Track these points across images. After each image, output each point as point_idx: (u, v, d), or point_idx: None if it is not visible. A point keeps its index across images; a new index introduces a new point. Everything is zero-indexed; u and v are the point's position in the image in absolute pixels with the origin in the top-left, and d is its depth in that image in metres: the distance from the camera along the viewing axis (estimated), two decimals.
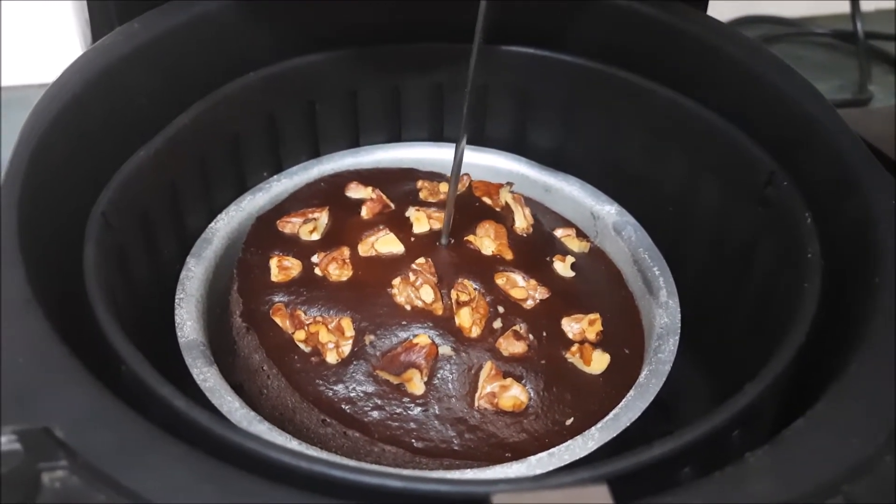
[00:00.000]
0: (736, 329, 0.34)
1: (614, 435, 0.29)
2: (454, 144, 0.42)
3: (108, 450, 0.20)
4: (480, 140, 0.43)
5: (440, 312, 0.33)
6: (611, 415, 0.30)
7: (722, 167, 0.35)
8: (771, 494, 0.19)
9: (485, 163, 0.42)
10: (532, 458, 0.28)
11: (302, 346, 0.32)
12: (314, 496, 0.20)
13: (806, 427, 0.21)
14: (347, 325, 0.32)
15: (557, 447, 0.29)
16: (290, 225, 0.36)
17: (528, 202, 0.40)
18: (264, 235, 0.36)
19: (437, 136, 0.43)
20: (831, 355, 0.24)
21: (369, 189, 0.38)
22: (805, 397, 0.23)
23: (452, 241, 0.36)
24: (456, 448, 0.30)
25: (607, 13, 0.39)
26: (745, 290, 0.34)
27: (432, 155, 0.42)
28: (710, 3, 0.86)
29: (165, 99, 0.35)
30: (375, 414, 0.31)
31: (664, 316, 0.34)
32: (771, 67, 0.34)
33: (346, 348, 0.32)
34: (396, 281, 0.33)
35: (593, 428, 0.30)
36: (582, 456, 0.28)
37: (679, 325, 0.33)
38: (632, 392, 0.31)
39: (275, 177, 0.39)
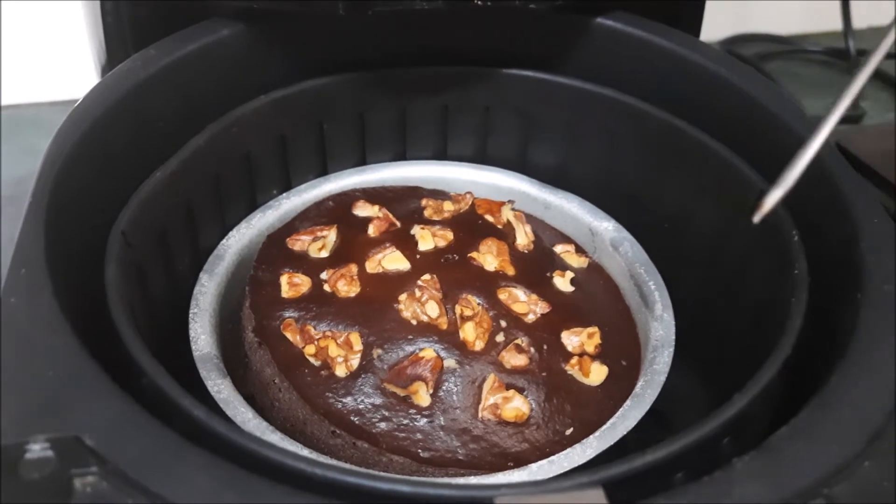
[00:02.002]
0: (728, 341, 0.36)
1: (611, 443, 0.30)
2: (457, 163, 0.44)
3: (135, 457, 0.21)
4: (483, 159, 0.45)
5: (445, 327, 0.34)
6: (608, 424, 0.32)
7: (715, 186, 0.36)
8: (756, 497, 0.20)
9: (487, 181, 0.44)
10: (533, 466, 0.30)
11: (312, 359, 0.33)
12: (330, 500, 0.21)
13: (790, 434, 0.22)
14: (356, 339, 0.34)
15: (557, 455, 0.30)
16: (300, 242, 0.38)
17: (529, 219, 0.41)
18: (274, 253, 0.37)
19: (440, 154, 0.45)
20: (817, 367, 0.26)
21: (376, 207, 0.39)
22: (794, 406, 0.24)
23: (456, 257, 0.37)
24: (461, 457, 0.31)
25: (605, 38, 0.40)
26: (736, 304, 0.35)
27: (436, 173, 0.44)
28: (709, 21, 0.88)
29: (181, 121, 0.37)
30: (383, 425, 0.32)
31: (659, 329, 0.35)
32: (761, 90, 0.35)
33: (355, 362, 0.33)
34: (403, 297, 0.35)
35: (591, 437, 0.31)
36: (581, 463, 0.30)
37: (674, 337, 0.35)
38: (628, 402, 0.32)
39: (284, 195, 0.41)
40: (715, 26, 0.85)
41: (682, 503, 0.20)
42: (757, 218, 0.28)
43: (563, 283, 0.38)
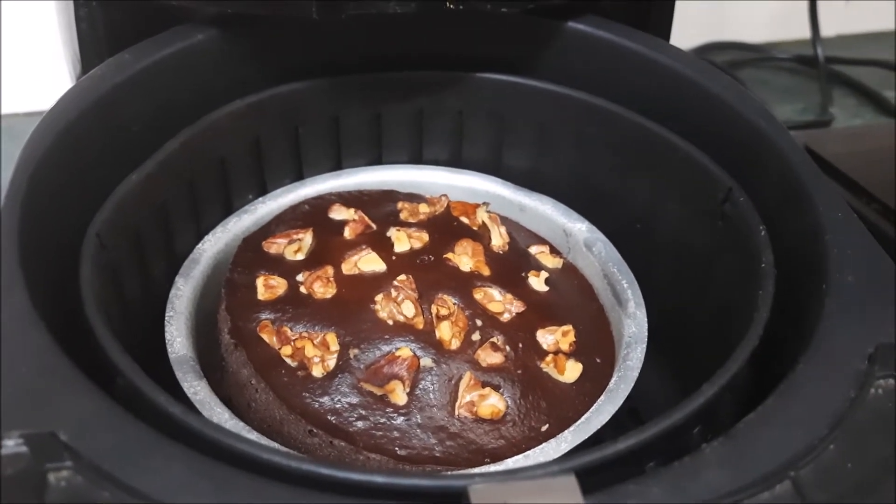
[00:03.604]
0: (699, 335, 0.36)
1: (585, 437, 0.30)
2: (433, 167, 0.44)
3: (109, 451, 0.22)
4: (458, 162, 0.45)
5: (421, 326, 0.34)
6: (582, 419, 0.32)
7: (684, 185, 0.37)
8: (724, 481, 0.21)
9: (463, 184, 0.44)
10: (508, 461, 0.30)
11: (288, 360, 0.33)
12: (305, 492, 0.22)
13: (756, 421, 0.23)
14: (332, 339, 0.34)
15: (532, 450, 0.30)
16: (276, 245, 0.38)
17: (504, 221, 0.41)
18: (250, 256, 0.37)
19: (416, 158, 0.45)
20: (783, 356, 0.26)
21: (352, 210, 0.40)
22: (765, 395, 0.25)
23: (432, 258, 0.37)
24: (437, 455, 0.32)
25: (575, 41, 0.41)
26: (707, 299, 0.35)
27: (412, 177, 0.44)
28: (681, 30, 0.89)
29: (156, 125, 0.37)
30: (360, 424, 0.32)
31: (632, 326, 0.36)
32: (728, 91, 0.36)
33: (332, 362, 0.33)
34: (379, 297, 0.35)
35: (566, 431, 0.31)
36: (555, 458, 0.30)
37: (646, 334, 0.35)
38: (602, 397, 0.33)
39: (260, 199, 0.41)
40: (688, 35, 0.86)
41: (651, 488, 0.21)
42: None
43: (537, 282, 0.38)
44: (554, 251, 0.41)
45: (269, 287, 0.36)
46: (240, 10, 0.36)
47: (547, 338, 0.36)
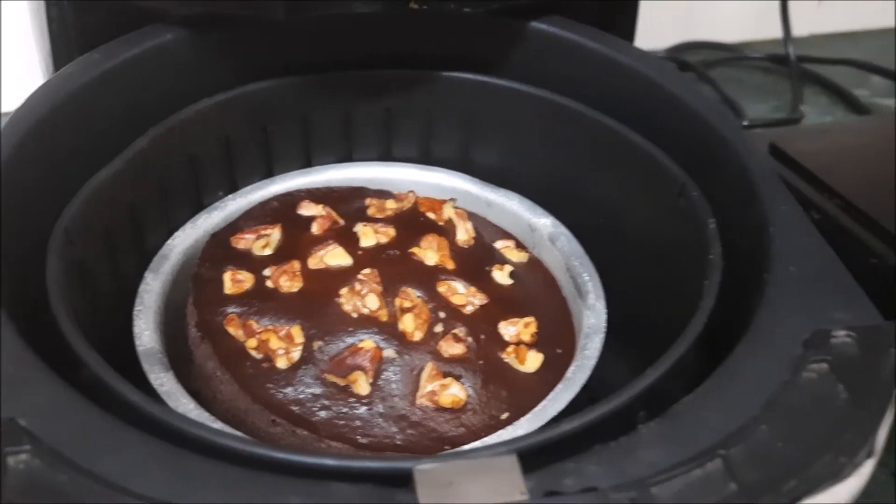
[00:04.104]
0: (656, 325, 0.37)
1: (541, 424, 0.31)
2: (403, 164, 0.45)
3: (69, 436, 0.22)
4: (428, 159, 0.46)
5: (385, 319, 0.35)
6: (539, 406, 0.33)
7: (643, 182, 0.38)
8: (658, 459, 0.22)
9: (431, 181, 0.45)
10: (465, 447, 0.31)
11: (254, 353, 0.34)
12: (258, 474, 0.22)
13: (693, 402, 0.24)
14: (297, 332, 0.35)
15: (489, 437, 0.31)
16: (244, 241, 0.38)
17: (472, 216, 0.42)
18: (218, 251, 0.38)
19: (386, 156, 0.46)
20: (731, 343, 0.27)
21: (320, 207, 0.40)
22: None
23: (398, 252, 0.38)
24: (398, 443, 0.32)
25: (540, 41, 0.42)
26: (665, 290, 0.36)
27: (382, 174, 0.45)
28: (656, 30, 0.90)
29: (125, 123, 0.37)
30: (323, 413, 0.33)
31: (591, 317, 0.37)
32: (685, 90, 0.37)
33: (296, 354, 0.34)
34: (344, 290, 0.36)
35: (523, 419, 0.32)
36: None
37: (604, 324, 0.36)
38: (560, 385, 0.34)
39: (230, 196, 0.42)
40: (662, 34, 0.88)
41: (588, 465, 0.22)
42: None
43: (501, 276, 0.39)
44: (519, 246, 0.42)
45: (236, 281, 0.36)
46: (208, 10, 0.37)
47: (509, 329, 0.37)
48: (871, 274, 0.50)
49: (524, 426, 0.32)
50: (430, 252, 0.38)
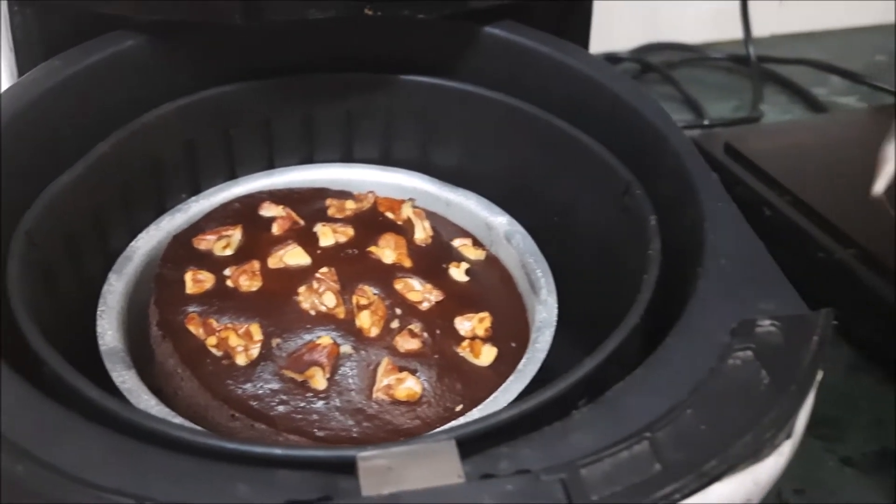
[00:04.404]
0: (604, 318, 0.38)
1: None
2: (363, 165, 0.46)
3: (27, 430, 0.23)
4: (388, 161, 0.47)
5: (342, 316, 0.36)
6: (490, 398, 0.34)
7: (593, 181, 0.39)
8: (588, 442, 0.23)
9: (392, 181, 0.46)
10: (417, 439, 0.32)
11: (214, 350, 0.35)
12: (213, 463, 0.23)
13: (624, 389, 0.25)
14: (256, 330, 0.36)
15: (441, 427, 0.32)
16: (205, 242, 0.39)
17: (431, 216, 0.43)
18: (180, 252, 0.39)
19: (347, 157, 0.47)
20: (661, 332, 0.28)
21: (280, 208, 0.41)
22: None
23: (356, 251, 0.39)
24: (355, 435, 0.33)
25: (492, 45, 0.43)
26: (610, 285, 0.38)
27: (343, 175, 0.46)
28: (620, 31, 0.92)
29: (88, 128, 0.38)
30: (281, 408, 0.34)
31: (543, 311, 0.38)
32: (629, 92, 0.39)
33: (255, 351, 0.35)
34: (302, 289, 0.37)
35: (474, 409, 0.33)
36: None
37: (555, 318, 0.37)
38: (511, 377, 0.35)
39: (193, 198, 0.43)
40: (626, 36, 0.89)
41: (523, 449, 0.23)
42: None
43: (458, 273, 0.40)
44: (477, 244, 0.43)
45: (197, 281, 0.37)
46: (167, 16, 0.38)
47: (464, 324, 0.38)
48: (818, 268, 0.52)
49: (475, 417, 0.33)
50: (387, 250, 0.40)
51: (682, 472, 0.22)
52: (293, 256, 0.38)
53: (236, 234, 0.40)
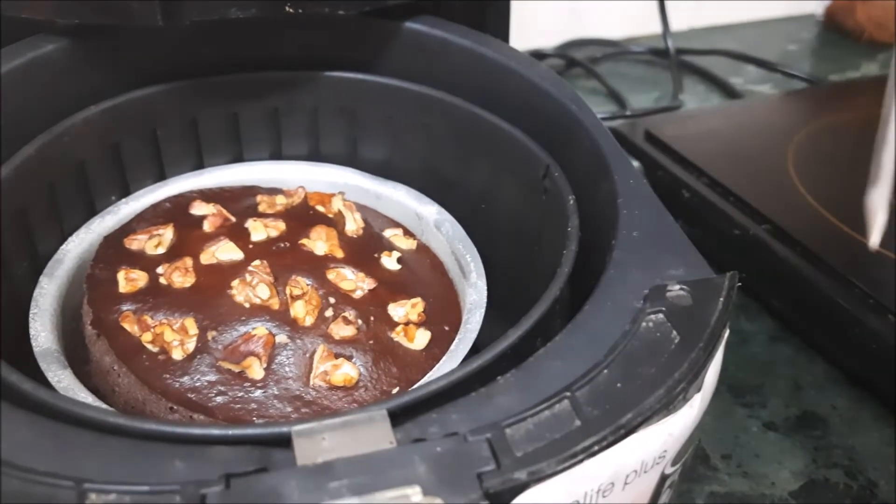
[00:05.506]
0: (532, 295, 0.40)
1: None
2: (293, 161, 0.47)
3: None
4: (317, 156, 0.48)
5: (276, 307, 0.37)
6: (424, 379, 0.35)
7: (514, 166, 0.41)
8: (513, 405, 0.24)
9: (322, 177, 0.47)
10: (350, 412, 0.33)
11: (149, 346, 0.35)
12: (150, 444, 0.24)
13: (545, 354, 0.26)
14: (191, 324, 0.36)
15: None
16: (137, 242, 0.40)
17: (361, 208, 0.44)
18: (111, 252, 0.39)
19: (276, 155, 0.48)
20: (581, 302, 0.30)
21: (211, 206, 0.42)
22: None
23: (288, 244, 0.40)
24: (293, 421, 0.34)
25: (412, 39, 0.44)
26: (535, 263, 0.39)
27: (273, 173, 0.46)
28: (545, 28, 0.94)
29: (10, 133, 0.38)
30: (219, 399, 0.34)
31: (473, 294, 0.39)
32: (545, 79, 0.40)
33: (191, 345, 0.36)
34: (235, 282, 0.37)
35: (410, 390, 0.34)
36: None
37: (485, 300, 0.39)
38: (444, 358, 0.36)
39: (122, 200, 0.43)
40: (553, 32, 0.92)
41: (451, 414, 0.24)
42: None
43: (389, 261, 0.41)
44: (408, 233, 0.44)
45: (129, 280, 0.38)
46: (86, 20, 0.38)
47: (398, 310, 0.39)
48: (735, 243, 0.55)
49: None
50: (319, 242, 0.40)
51: (600, 426, 0.24)
52: (225, 251, 0.39)
53: (168, 233, 0.40)
